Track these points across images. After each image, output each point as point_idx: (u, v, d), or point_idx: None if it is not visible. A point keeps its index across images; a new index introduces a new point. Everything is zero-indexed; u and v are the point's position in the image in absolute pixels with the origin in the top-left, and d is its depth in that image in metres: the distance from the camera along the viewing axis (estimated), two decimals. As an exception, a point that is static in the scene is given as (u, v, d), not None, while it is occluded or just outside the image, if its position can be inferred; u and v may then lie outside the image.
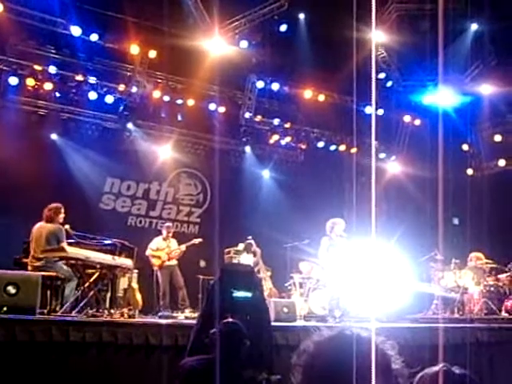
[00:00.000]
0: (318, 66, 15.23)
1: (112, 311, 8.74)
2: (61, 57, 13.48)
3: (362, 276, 9.51)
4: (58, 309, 8.17)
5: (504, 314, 11.02)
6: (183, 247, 12.27)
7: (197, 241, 12.29)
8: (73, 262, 8.62)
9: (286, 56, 15.73)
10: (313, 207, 14.28)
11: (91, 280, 8.60)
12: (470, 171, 17.48)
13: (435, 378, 2.01)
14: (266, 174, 16.29)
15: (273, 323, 8.89)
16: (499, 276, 11.96)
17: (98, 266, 8.75)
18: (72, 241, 9.16)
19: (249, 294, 5.69)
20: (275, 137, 16.25)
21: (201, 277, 12.59)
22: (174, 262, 12.19)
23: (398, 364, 1.77)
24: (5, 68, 12.81)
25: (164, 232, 12.46)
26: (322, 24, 14.96)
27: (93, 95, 13.72)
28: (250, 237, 12.21)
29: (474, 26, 15.93)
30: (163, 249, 12.16)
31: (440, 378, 1.97)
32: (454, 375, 2.04)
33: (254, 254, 12.06)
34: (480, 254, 12.28)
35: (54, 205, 9.02)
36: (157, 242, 12.26)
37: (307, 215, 13.92)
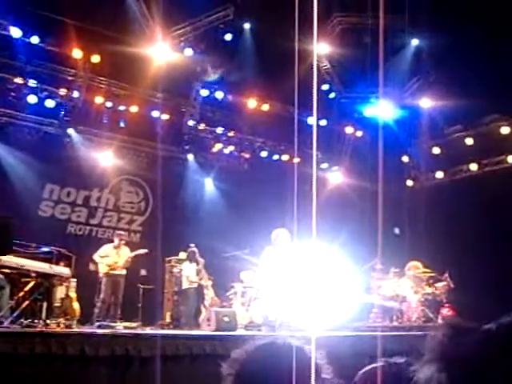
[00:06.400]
0: (263, 76, 15.30)
1: (48, 321, 8.49)
2: (-1, 58, 13.11)
3: (304, 285, 9.55)
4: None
5: (440, 322, 11.26)
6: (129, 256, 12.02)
7: (143, 251, 12.05)
8: (7, 270, 8.33)
9: (231, 65, 15.75)
10: (256, 216, 14.27)
11: (26, 289, 8.34)
12: (409, 182, 17.90)
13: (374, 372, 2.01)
14: (209, 182, 16.21)
15: (214, 332, 8.85)
16: (436, 285, 12.23)
17: (34, 275, 8.49)
18: (7, 248, 8.85)
19: None
20: (218, 145, 16.20)
21: (141, 286, 12.40)
22: (121, 272, 11.92)
23: (328, 374, 1.77)
24: None
25: (116, 240, 12.22)
26: (267, 34, 15.04)
27: (33, 99, 13.37)
28: (192, 245, 12.08)
29: (414, 42, 16.35)
30: (111, 256, 11.88)
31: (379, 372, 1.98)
32: (391, 366, 2.04)
33: (197, 263, 11.92)
34: (417, 263, 12.52)
35: None
36: (106, 249, 11.98)
37: (250, 224, 13.91)
